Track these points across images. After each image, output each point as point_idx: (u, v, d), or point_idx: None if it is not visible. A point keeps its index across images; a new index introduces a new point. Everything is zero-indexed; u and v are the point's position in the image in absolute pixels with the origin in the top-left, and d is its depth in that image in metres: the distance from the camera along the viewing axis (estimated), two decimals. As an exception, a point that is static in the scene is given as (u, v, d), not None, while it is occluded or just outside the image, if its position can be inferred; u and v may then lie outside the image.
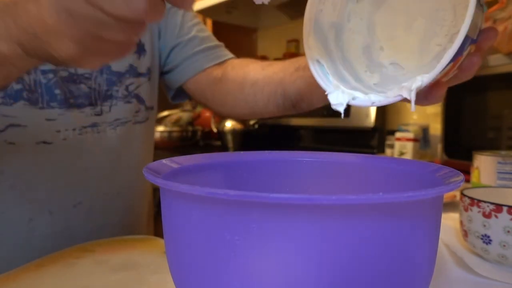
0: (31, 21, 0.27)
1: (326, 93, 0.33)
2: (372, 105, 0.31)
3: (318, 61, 0.34)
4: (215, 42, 0.67)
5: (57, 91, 0.51)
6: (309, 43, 0.34)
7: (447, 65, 0.28)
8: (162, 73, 0.67)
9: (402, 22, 0.35)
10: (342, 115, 0.33)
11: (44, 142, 0.51)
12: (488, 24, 0.97)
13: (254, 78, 0.59)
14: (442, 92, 0.33)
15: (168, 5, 0.73)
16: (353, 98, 0.32)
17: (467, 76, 0.33)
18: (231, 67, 0.63)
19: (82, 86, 0.54)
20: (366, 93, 0.32)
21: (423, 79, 0.29)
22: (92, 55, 0.28)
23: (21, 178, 0.51)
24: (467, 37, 0.28)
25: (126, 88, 0.58)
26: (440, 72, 0.28)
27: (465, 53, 0.29)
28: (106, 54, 0.29)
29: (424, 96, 0.34)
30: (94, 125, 0.55)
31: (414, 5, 0.35)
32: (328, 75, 0.34)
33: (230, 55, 0.66)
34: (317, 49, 0.34)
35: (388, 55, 0.35)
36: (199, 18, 0.68)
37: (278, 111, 0.58)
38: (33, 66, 0.33)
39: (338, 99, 0.32)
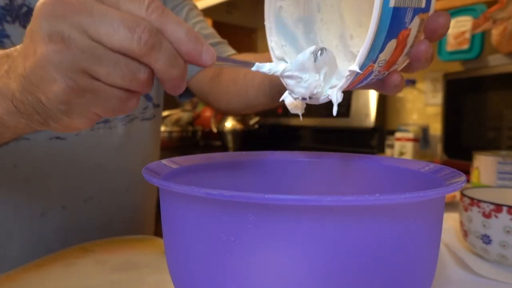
0: (22, 56, 0.25)
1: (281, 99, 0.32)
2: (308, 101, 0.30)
3: (284, 61, 0.33)
4: (217, 39, 0.67)
5: None
6: (272, 44, 0.33)
7: (385, 40, 0.25)
8: None
9: (368, 7, 0.33)
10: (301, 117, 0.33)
11: (58, 138, 0.52)
12: (488, 24, 0.97)
13: (245, 70, 0.59)
14: (396, 80, 0.30)
15: (173, 2, 0.71)
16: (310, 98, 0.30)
17: (420, 66, 0.30)
18: None
19: None
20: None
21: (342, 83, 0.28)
22: (84, 104, 0.25)
23: (35, 172, 0.51)
24: (403, 8, 0.24)
25: None
26: (370, 51, 0.25)
27: (410, 26, 0.26)
28: (101, 103, 0.25)
29: (380, 85, 0.32)
30: (106, 120, 0.56)
31: None
32: None
33: (231, 51, 0.67)
34: (282, 49, 0.33)
35: (358, 44, 0.34)
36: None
37: (267, 100, 0.58)
38: (24, 130, 0.31)
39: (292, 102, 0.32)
